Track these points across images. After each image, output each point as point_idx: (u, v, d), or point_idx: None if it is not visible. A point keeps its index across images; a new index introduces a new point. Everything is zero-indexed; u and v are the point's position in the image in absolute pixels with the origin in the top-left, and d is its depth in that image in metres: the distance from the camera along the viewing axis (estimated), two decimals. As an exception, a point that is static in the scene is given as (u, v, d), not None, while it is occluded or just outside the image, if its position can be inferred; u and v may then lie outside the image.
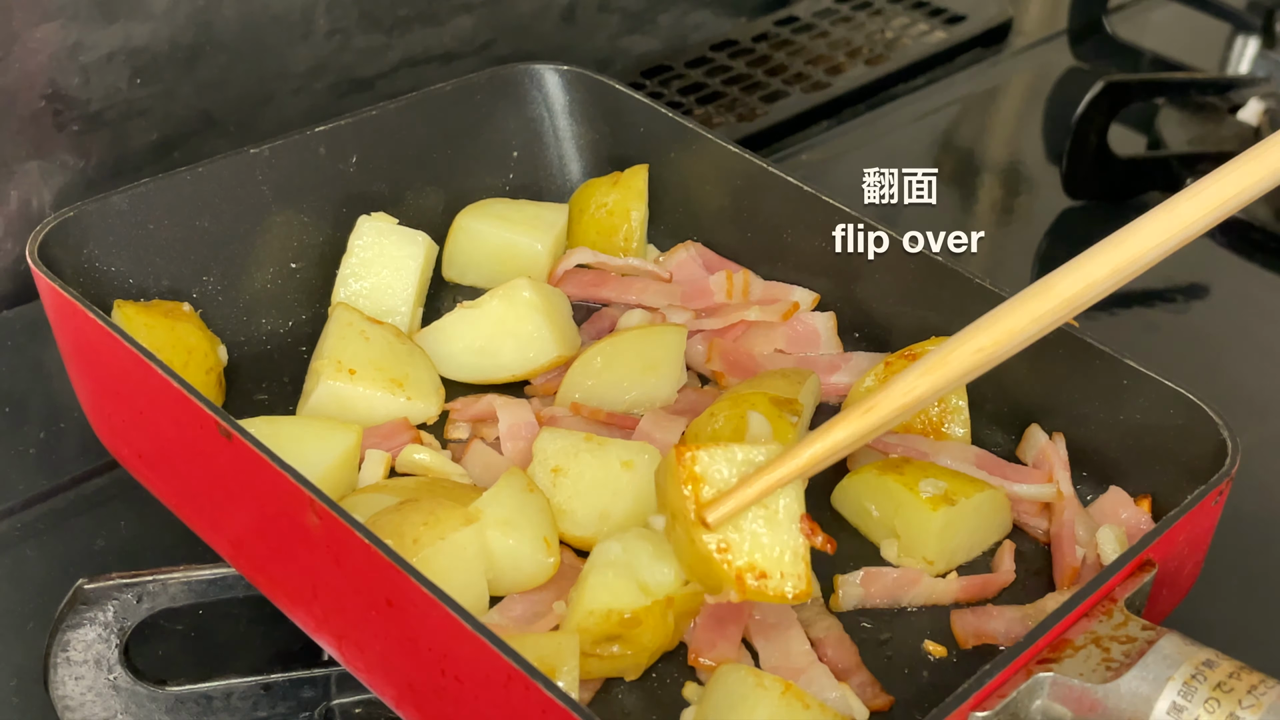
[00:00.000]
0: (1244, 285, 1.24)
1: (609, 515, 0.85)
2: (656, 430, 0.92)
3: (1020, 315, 0.72)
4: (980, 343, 0.73)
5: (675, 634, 0.80)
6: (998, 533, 0.89)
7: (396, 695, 0.74)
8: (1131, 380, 0.88)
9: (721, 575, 0.74)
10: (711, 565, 0.74)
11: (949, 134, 1.46)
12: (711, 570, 0.75)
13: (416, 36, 1.32)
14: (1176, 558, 0.80)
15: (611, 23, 1.47)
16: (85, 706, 0.80)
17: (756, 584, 0.74)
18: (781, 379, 0.93)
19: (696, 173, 1.09)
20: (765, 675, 0.75)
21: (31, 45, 1.08)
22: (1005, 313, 0.73)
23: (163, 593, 0.79)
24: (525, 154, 1.13)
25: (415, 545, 0.77)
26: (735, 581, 0.74)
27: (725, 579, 0.74)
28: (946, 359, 0.73)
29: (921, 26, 1.57)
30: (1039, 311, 0.72)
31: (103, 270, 0.94)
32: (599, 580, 0.78)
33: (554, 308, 0.99)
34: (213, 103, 1.21)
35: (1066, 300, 0.72)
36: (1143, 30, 1.62)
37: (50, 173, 1.13)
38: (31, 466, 0.99)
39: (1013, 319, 0.72)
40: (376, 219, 1.02)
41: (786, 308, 1.02)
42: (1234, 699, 0.67)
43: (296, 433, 0.87)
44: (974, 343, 0.73)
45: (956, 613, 0.84)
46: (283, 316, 1.02)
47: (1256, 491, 0.95)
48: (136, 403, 0.84)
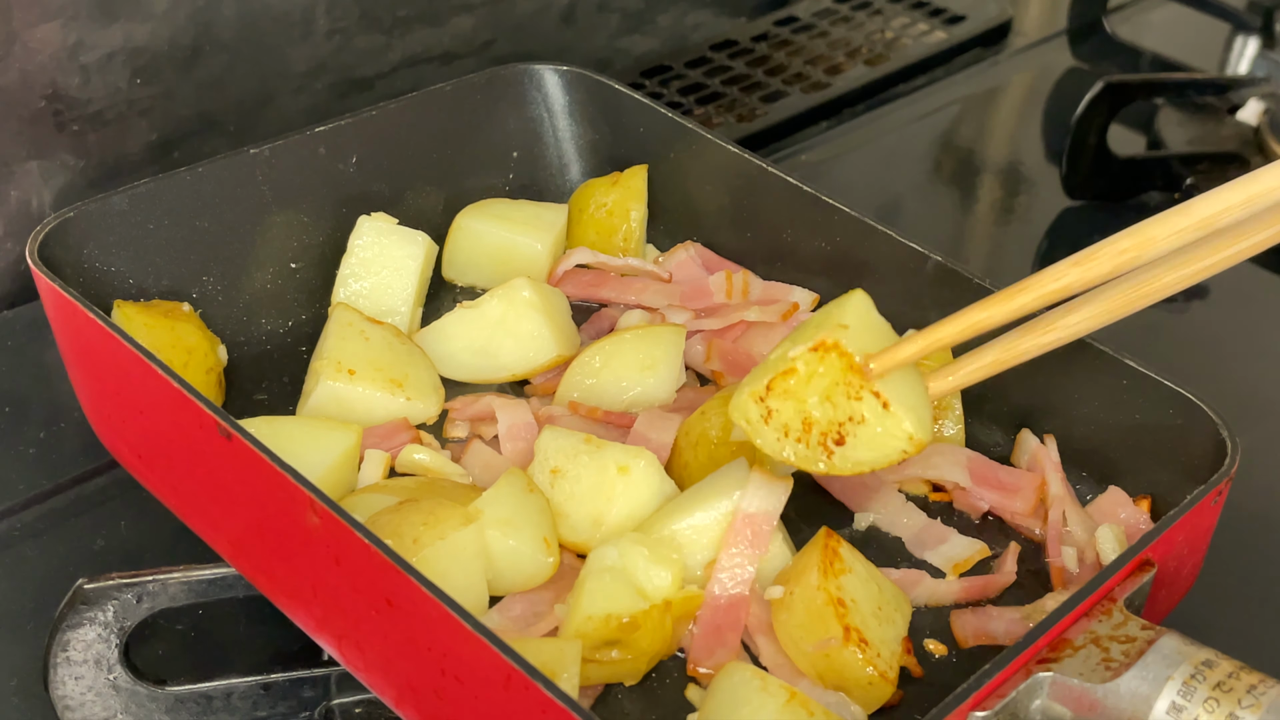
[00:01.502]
0: (1244, 285, 1.24)
1: (601, 521, 0.85)
2: (651, 430, 0.92)
3: (1162, 227, 0.72)
4: (1124, 245, 0.73)
5: (673, 638, 0.81)
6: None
7: (396, 695, 0.74)
8: (1131, 380, 0.88)
9: (832, 621, 0.78)
10: (828, 616, 0.78)
11: (949, 134, 1.46)
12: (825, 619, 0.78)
13: (416, 36, 1.32)
14: (1176, 557, 0.80)
15: (611, 23, 1.47)
16: (85, 706, 0.80)
17: (855, 649, 0.78)
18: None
19: (696, 173, 1.09)
20: (769, 679, 0.75)
21: (31, 45, 1.08)
22: (1150, 223, 0.73)
23: (162, 593, 0.79)
24: (525, 154, 1.13)
25: (415, 545, 0.77)
26: (843, 630, 0.78)
27: (835, 627, 0.78)
28: (1095, 254, 0.73)
29: (921, 26, 1.57)
30: (1179, 226, 0.72)
31: (103, 270, 0.94)
32: (596, 585, 0.78)
33: (553, 307, 1.00)
34: (213, 103, 1.21)
35: (1203, 220, 0.72)
36: (1143, 30, 1.62)
37: (50, 173, 1.13)
38: (31, 466, 0.99)
39: (1155, 228, 0.72)
40: (376, 219, 1.02)
41: (786, 308, 1.02)
42: (1233, 699, 0.67)
43: (296, 433, 0.87)
44: (1119, 245, 0.73)
45: (956, 613, 0.85)
46: (283, 316, 1.02)
47: (1256, 491, 0.94)
48: (136, 403, 0.84)
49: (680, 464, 0.91)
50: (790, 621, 0.80)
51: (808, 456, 0.79)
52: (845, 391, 0.78)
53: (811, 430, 0.79)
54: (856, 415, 0.78)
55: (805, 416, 0.79)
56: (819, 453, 0.79)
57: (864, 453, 0.78)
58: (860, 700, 0.78)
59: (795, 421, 0.79)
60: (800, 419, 0.79)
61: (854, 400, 0.78)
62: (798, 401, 0.79)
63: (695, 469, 0.89)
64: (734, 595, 0.82)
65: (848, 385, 0.78)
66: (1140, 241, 0.73)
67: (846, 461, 0.79)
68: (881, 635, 0.80)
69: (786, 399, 0.79)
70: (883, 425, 0.78)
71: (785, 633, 0.81)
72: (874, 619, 0.80)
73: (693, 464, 0.90)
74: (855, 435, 0.78)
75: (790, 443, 0.80)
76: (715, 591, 0.82)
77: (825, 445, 0.79)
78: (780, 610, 0.81)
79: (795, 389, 0.79)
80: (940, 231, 1.31)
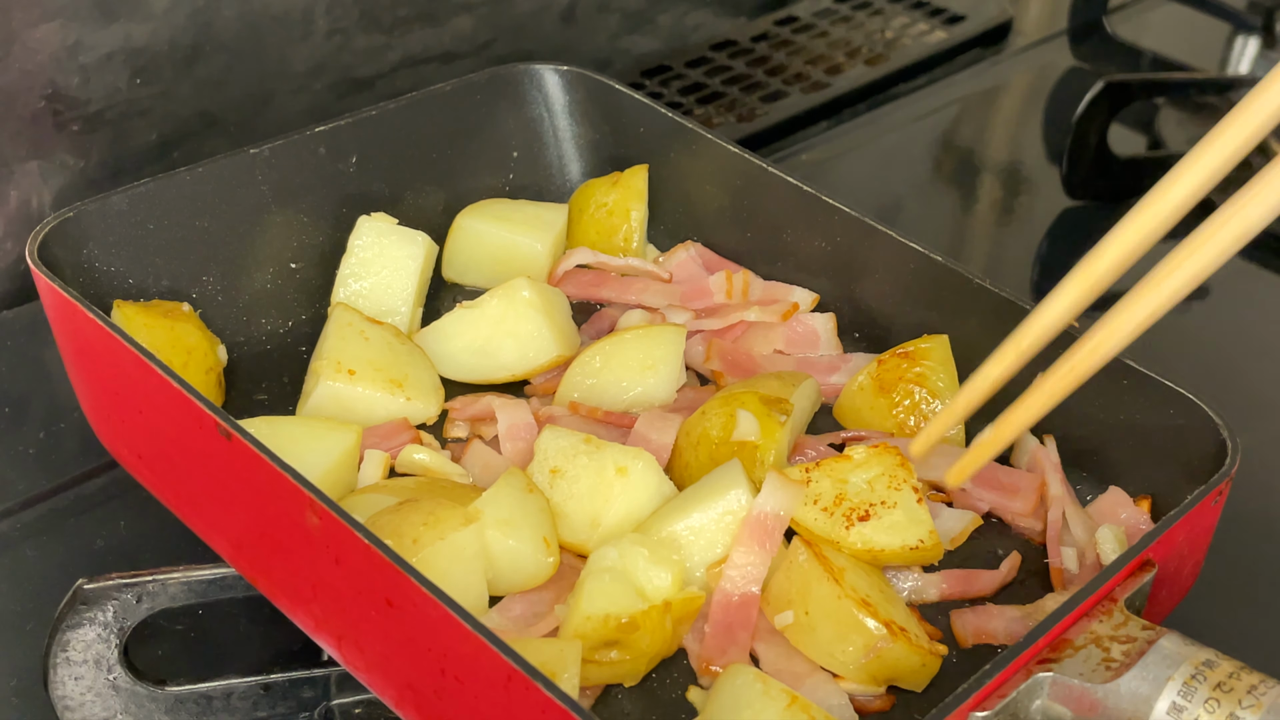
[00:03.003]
0: (1244, 285, 1.24)
1: (600, 522, 0.85)
2: (651, 431, 0.92)
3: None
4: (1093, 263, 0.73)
5: (674, 639, 0.80)
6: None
7: (396, 695, 0.74)
8: (1131, 380, 0.88)
9: (867, 622, 0.78)
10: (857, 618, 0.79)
11: (949, 134, 1.46)
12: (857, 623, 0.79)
13: (416, 36, 1.32)
14: (1176, 558, 0.80)
15: (611, 23, 1.47)
16: (85, 706, 0.80)
17: (901, 641, 0.78)
18: (776, 380, 0.93)
19: (696, 173, 1.09)
20: (771, 682, 0.75)
21: (31, 45, 1.08)
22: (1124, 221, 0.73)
23: (162, 593, 0.79)
24: (525, 154, 1.13)
25: (415, 545, 0.77)
26: (885, 626, 0.78)
27: (874, 627, 0.78)
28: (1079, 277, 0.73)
29: (921, 26, 1.57)
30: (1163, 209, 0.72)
31: (102, 270, 0.94)
32: (595, 586, 0.78)
33: (553, 307, 0.99)
34: (213, 103, 1.21)
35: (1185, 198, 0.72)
36: (1143, 30, 1.62)
37: (50, 173, 1.13)
38: (31, 466, 0.99)
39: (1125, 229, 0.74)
40: (376, 219, 1.02)
41: (786, 308, 1.02)
42: (1234, 699, 0.67)
43: (296, 433, 0.87)
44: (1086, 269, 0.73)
45: (956, 612, 0.84)
46: (283, 316, 1.02)
47: (1256, 491, 0.94)
48: (136, 403, 0.84)
49: (681, 464, 0.91)
50: (819, 639, 0.80)
51: (827, 525, 0.84)
52: (889, 482, 0.85)
53: (840, 505, 0.85)
54: (890, 501, 0.84)
55: (840, 493, 0.85)
56: (839, 524, 0.84)
57: (882, 535, 0.84)
58: (915, 683, 0.80)
59: (829, 495, 0.85)
60: (835, 494, 0.85)
61: (894, 490, 0.85)
62: (838, 481, 0.85)
63: (696, 469, 0.89)
64: (746, 594, 0.82)
65: (893, 478, 0.85)
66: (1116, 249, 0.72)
67: (860, 538, 0.84)
68: (903, 615, 0.81)
69: (829, 476, 0.85)
70: (909, 515, 0.84)
71: (816, 650, 0.80)
72: (890, 603, 0.81)
73: (693, 464, 0.90)
74: (880, 517, 0.84)
75: (815, 508, 0.85)
76: (727, 589, 0.82)
77: (849, 519, 0.84)
78: (801, 633, 0.81)
79: (841, 470, 0.85)
80: (940, 231, 1.31)
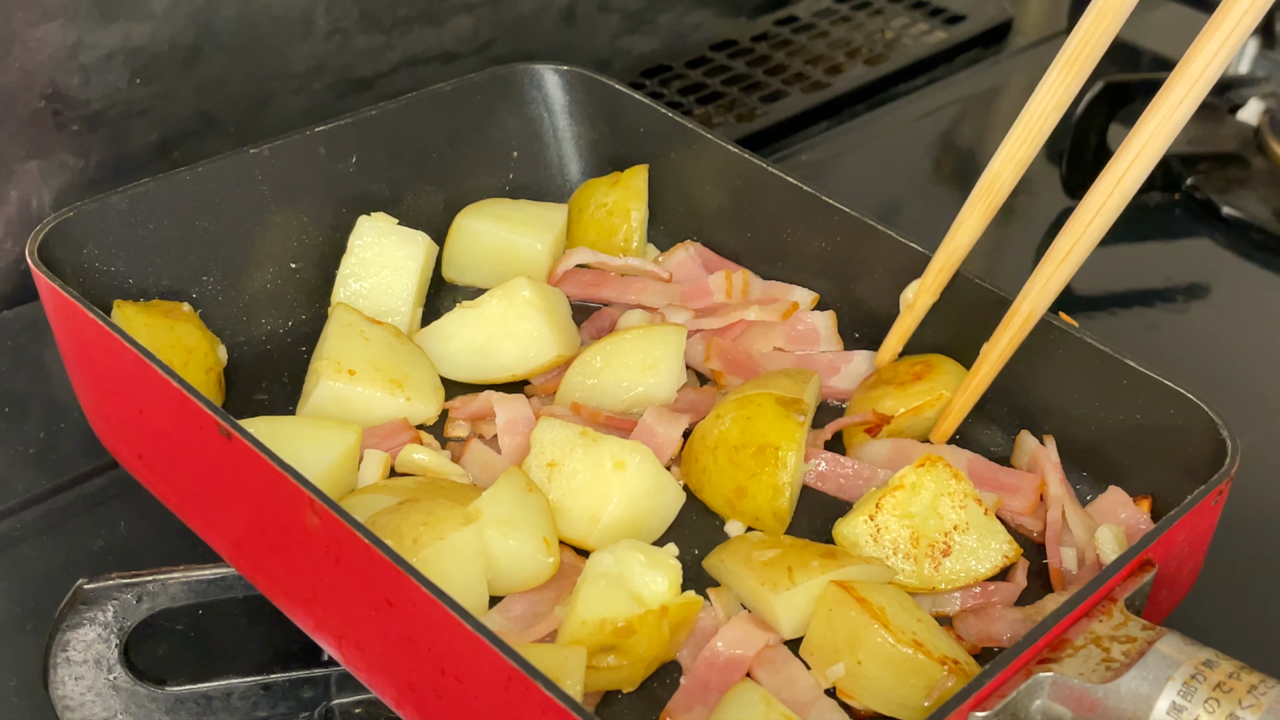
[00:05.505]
0: (1244, 285, 1.24)
1: (598, 518, 0.85)
2: (659, 424, 0.92)
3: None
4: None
5: (672, 644, 0.80)
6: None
7: (396, 695, 0.74)
8: (1131, 380, 0.88)
9: (927, 664, 0.76)
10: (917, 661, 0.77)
11: (949, 134, 1.46)
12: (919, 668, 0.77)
13: (416, 36, 1.32)
14: (1176, 558, 0.79)
15: (611, 23, 1.47)
16: (85, 706, 0.80)
17: (957, 677, 0.76)
18: (785, 378, 0.93)
19: (696, 173, 1.09)
20: (775, 703, 0.74)
21: (31, 45, 1.08)
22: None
23: (162, 593, 0.79)
24: (525, 154, 1.13)
25: (415, 545, 0.77)
26: (940, 664, 0.76)
27: (934, 668, 0.76)
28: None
29: (921, 26, 1.57)
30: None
31: (102, 270, 0.94)
32: (592, 591, 0.78)
33: (553, 307, 0.99)
34: (213, 103, 1.21)
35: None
36: (1143, 30, 1.62)
37: (50, 173, 1.13)
38: (31, 466, 0.99)
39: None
40: (376, 219, 1.02)
41: (786, 307, 1.02)
42: (1234, 699, 0.67)
43: (296, 433, 0.87)
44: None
45: (959, 617, 0.84)
46: (283, 316, 1.02)
47: (1256, 491, 0.94)
48: (136, 403, 0.84)
49: (699, 469, 0.90)
50: (878, 688, 0.77)
51: (916, 571, 0.84)
52: (950, 502, 0.85)
53: (919, 544, 0.84)
54: (961, 523, 0.84)
55: (914, 531, 0.84)
56: (926, 565, 0.84)
57: (970, 563, 0.84)
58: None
59: (904, 537, 0.84)
60: (910, 534, 0.84)
61: (959, 509, 0.85)
62: (904, 517, 0.84)
63: (715, 472, 0.89)
64: (735, 657, 0.80)
65: (951, 495, 0.85)
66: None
67: (953, 575, 0.84)
68: (944, 640, 0.79)
69: (893, 516, 0.84)
70: (985, 530, 0.84)
71: (875, 698, 0.78)
72: (931, 632, 0.79)
73: (711, 468, 0.89)
74: (960, 545, 0.84)
75: (899, 560, 0.84)
76: (719, 647, 0.80)
77: (933, 558, 0.84)
78: (857, 682, 0.77)
79: (903, 503, 0.84)
80: (940, 231, 1.30)
